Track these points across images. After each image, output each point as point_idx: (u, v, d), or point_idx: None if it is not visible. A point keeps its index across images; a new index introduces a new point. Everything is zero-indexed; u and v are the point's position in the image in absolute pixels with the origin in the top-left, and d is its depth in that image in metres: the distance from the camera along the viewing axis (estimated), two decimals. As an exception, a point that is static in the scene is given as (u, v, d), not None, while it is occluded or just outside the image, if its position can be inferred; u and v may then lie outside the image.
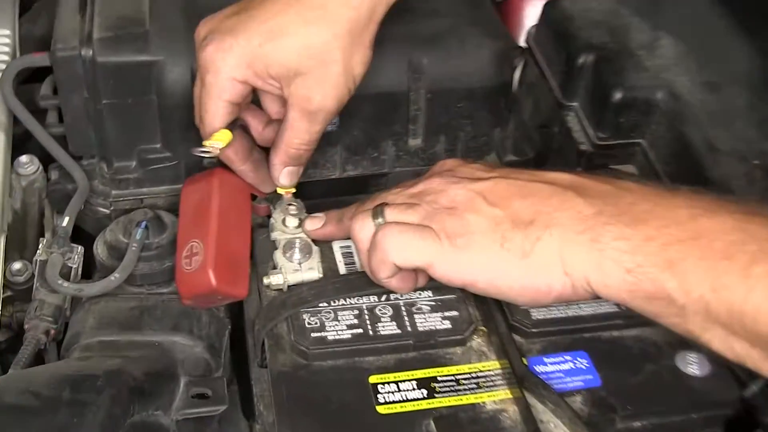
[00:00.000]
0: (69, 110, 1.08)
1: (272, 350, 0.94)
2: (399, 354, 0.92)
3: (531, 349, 0.93)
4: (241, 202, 1.07)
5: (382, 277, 0.91)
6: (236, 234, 1.03)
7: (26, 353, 0.98)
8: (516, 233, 0.83)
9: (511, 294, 0.85)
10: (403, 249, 0.87)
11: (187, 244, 1.01)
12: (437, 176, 0.94)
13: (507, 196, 0.86)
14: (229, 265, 0.99)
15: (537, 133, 1.24)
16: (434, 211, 0.88)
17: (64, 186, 1.15)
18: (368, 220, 0.93)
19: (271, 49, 0.95)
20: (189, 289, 1.00)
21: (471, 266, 0.84)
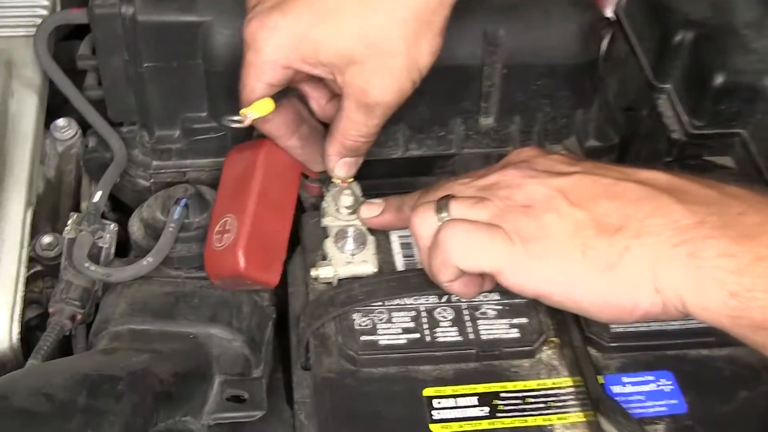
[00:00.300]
0: (108, 73, 1.02)
1: (317, 352, 0.87)
2: (459, 364, 0.85)
3: (608, 366, 0.86)
4: (288, 179, 0.97)
5: (443, 281, 0.83)
6: (277, 214, 0.94)
7: (47, 342, 0.90)
8: (601, 241, 0.74)
9: (590, 310, 0.76)
10: (469, 252, 0.79)
11: (221, 219, 0.93)
12: (512, 167, 0.85)
13: (592, 196, 0.77)
14: (262, 248, 0.91)
15: (622, 116, 1.14)
16: (507, 208, 0.80)
17: (101, 154, 1.07)
18: (431, 214, 0.83)
19: (323, 32, 0.85)
20: (216, 269, 0.92)
21: (546, 276, 0.76)
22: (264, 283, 0.91)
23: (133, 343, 0.90)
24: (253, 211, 0.91)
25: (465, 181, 0.86)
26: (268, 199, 0.93)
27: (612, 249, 0.74)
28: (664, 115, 1.07)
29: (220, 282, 0.93)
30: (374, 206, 0.96)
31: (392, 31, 0.84)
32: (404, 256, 0.95)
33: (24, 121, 1.06)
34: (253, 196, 0.92)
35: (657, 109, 1.08)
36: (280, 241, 0.93)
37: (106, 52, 1.01)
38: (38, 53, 1.05)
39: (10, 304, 0.94)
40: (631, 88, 1.14)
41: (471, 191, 0.84)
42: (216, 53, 0.98)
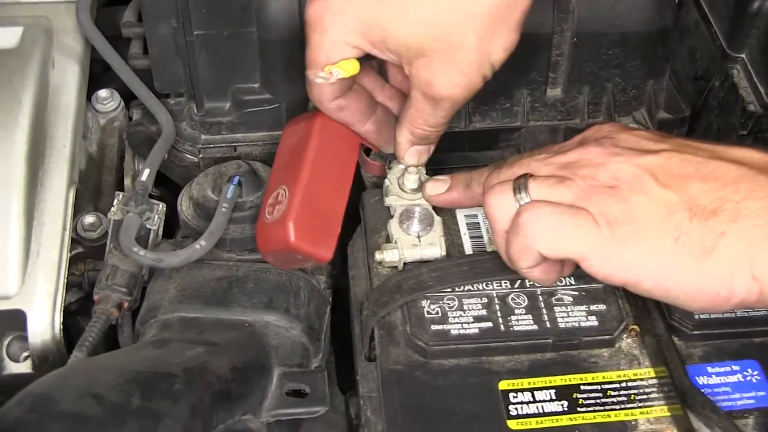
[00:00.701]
0: (155, 41, 0.97)
1: (383, 343, 0.82)
2: (535, 354, 0.81)
3: (691, 355, 0.82)
4: (345, 152, 0.92)
5: (522, 266, 0.78)
6: (332, 186, 0.89)
7: (93, 333, 0.85)
8: (695, 225, 0.70)
9: (681, 298, 0.72)
10: (552, 236, 0.74)
11: (274, 191, 0.88)
12: (593, 144, 0.79)
13: (682, 177, 0.73)
14: (315, 221, 0.85)
15: (691, 86, 1.09)
16: (591, 189, 0.74)
17: (147, 128, 1.02)
18: (508, 195, 0.77)
19: (391, 20, 0.81)
20: (266, 243, 0.87)
21: (635, 263, 0.72)
22: (316, 258, 0.85)
23: (184, 333, 0.85)
24: (306, 181, 0.86)
25: (541, 158, 0.80)
26: (322, 170, 0.88)
27: (707, 234, 0.69)
28: (739, 86, 1.02)
29: (272, 258, 0.88)
30: (440, 183, 0.90)
31: (464, 24, 0.80)
32: (471, 238, 0.90)
33: (66, 93, 1.01)
34: (306, 166, 0.87)
35: (731, 80, 1.03)
36: (334, 215, 0.87)
37: (154, 19, 0.96)
38: (81, 20, 1.01)
39: (51, 292, 0.89)
40: (701, 56, 1.09)
41: (549, 169, 0.78)
42: (272, 20, 0.94)
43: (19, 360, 0.90)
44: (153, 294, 0.89)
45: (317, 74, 0.84)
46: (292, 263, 0.89)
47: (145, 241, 0.90)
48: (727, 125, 1.04)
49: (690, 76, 1.10)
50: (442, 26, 0.80)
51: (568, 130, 1.04)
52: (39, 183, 0.94)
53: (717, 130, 1.06)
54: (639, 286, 0.73)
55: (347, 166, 0.91)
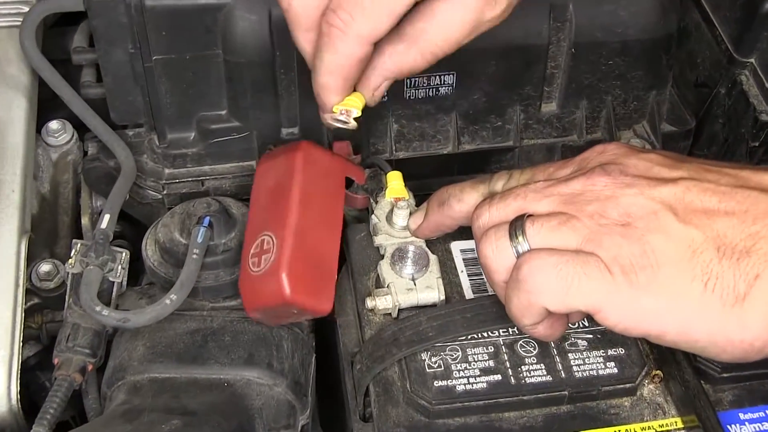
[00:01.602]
0: (110, 68, 0.90)
1: (380, 402, 0.76)
2: (549, 408, 0.75)
3: (720, 400, 0.76)
4: (333, 188, 0.84)
5: (526, 324, 0.70)
6: (323, 227, 0.81)
7: (54, 404, 0.76)
8: (725, 267, 0.63)
9: (710, 349, 0.66)
10: (559, 290, 0.66)
11: (257, 238, 0.79)
12: (599, 172, 0.70)
13: (706, 210, 0.66)
14: (310, 270, 0.77)
15: (692, 94, 1.03)
16: (600, 229, 0.67)
17: (104, 163, 0.94)
18: (504, 242, 0.69)
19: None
20: (255, 299, 0.78)
21: (658, 312, 0.65)
22: (315, 311, 0.77)
23: (157, 399, 0.77)
24: (295, 224, 0.78)
25: (538, 187, 0.72)
26: (311, 210, 0.80)
27: (740, 277, 0.63)
28: (749, 94, 0.96)
29: (259, 315, 0.80)
30: (418, 213, 0.83)
31: None
32: (470, 275, 0.83)
33: (12, 132, 0.93)
34: (293, 208, 0.79)
35: (740, 87, 0.97)
36: (329, 260, 0.80)
37: (107, 44, 0.88)
38: (25, 48, 0.92)
39: (6, 358, 0.81)
40: (703, 61, 1.02)
41: (550, 204, 0.70)
42: (239, 42, 0.87)
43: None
44: (119, 352, 0.81)
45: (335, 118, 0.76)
46: (284, 318, 0.81)
47: (108, 294, 0.82)
48: (736, 136, 0.98)
49: (690, 83, 1.04)
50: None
51: (565, 148, 0.98)
52: (-15, 236, 0.87)
53: (724, 140, 1.01)
54: (663, 338, 0.66)
55: (336, 203, 0.83)
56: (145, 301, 0.84)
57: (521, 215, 0.70)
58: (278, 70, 0.87)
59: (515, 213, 0.70)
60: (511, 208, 0.71)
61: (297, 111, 0.90)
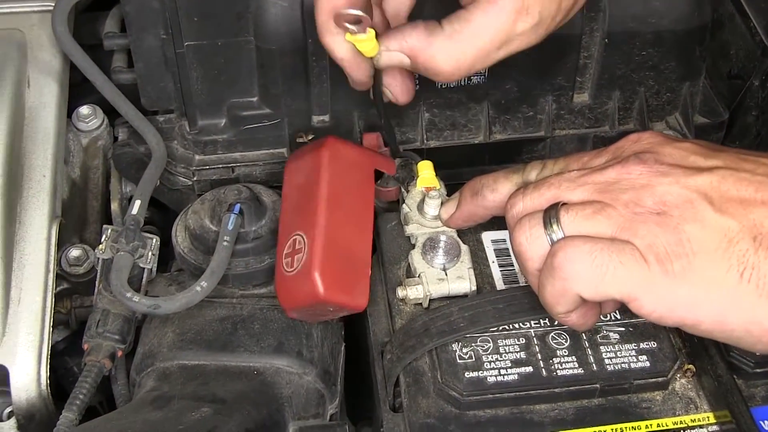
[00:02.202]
0: (141, 54, 0.90)
1: (411, 392, 0.75)
2: (581, 401, 0.75)
3: (753, 396, 0.75)
4: (361, 181, 0.83)
5: (560, 311, 0.69)
6: (352, 223, 0.80)
7: (84, 389, 0.76)
8: (761, 258, 0.63)
9: (746, 339, 0.65)
10: (594, 277, 0.65)
11: (289, 238, 0.79)
12: (634, 160, 0.69)
13: (742, 200, 0.65)
14: (343, 267, 0.77)
15: (725, 86, 1.02)
16: (635, 217, 0.66)
17: (134, 148, 0.94)
18: (538, 230, 0.69)
19: None
20: (291, 299, 0.78)
21: (693, 301, 0.64)
22: (351, 307, 0.77)
23: (187, 386, 0.77)
24: (324, 222, 0.78)
25: (573, 176, 0.71)
26: (339, 206, 0.80)
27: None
28: (785, 86, 0.95)
29: (297, 314, 0.80)
30: (450, 202, 0.83)
31: None
32: (501, 266, 0.83)
33: (44, 116, 0.93)
34: (321, 206, 0.79)
35: (775, 79, 0.96)
36: (362, 255, 0.79)
37: (140, 30, 0.88)
38: (58, 33, 0.92)
39: (36, 343, 0.82)
40: (736, 53, 1.02)
41: (584, 192, 0.69)
42: (271, 29, 0.87)
43: (2, 418, 0.83)
44: (149, 338, 0.81)
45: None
46: (322, 316, 0.81)
47: (139, 281, 0.82)
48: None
49: (723, 74, 1.03)
50: None
51: (597, 138, 0.97)
52: (17, 220, 0.87)
53: (756, 133, 1.00)
54: (698, 327, 0.65)
55: (365, 197, 0.83)
56: (174, 287, 0.84)
57: (555, 204, 0.69)
58: (310, 57, 0.86)
59: (549, 202, 0.70)
60: (545, 198, 0.70)
61: (328, 99, 0.90)
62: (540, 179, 0.73)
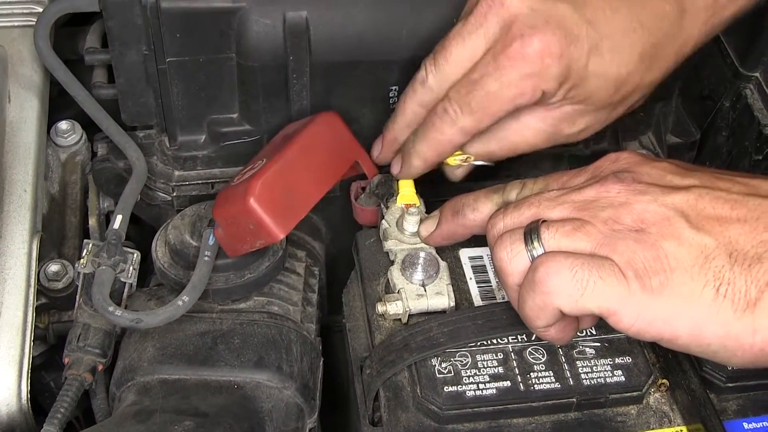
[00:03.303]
0: (123, 69, 0.89)
1: (390, 406, 0.75)
2: (557, 415, 0.75)
3: (725, 409, 0.76)
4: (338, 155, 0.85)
5: (539, 326, 0.71)
6: (313, 173, 0.82)
7: (65, 403, 0.76)
8: (736, 273, 0.64)
9: (721, 354, 0.66)
10: (574, 291, 0.66)
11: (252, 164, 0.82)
12: (613, 179, 0.71)
13: (718, 217, 0.66)
14: (281, 195, 0.79)
15: (697, 106, 1.03)
16: (614, 234, 0.67)
17: (114, 164, 0.94)
18: (518, 246, 0.70)
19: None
20: (222, 205, 0.80)
21: (671, 316, 0.65)
22: (267, 231, 0.77)
23: (168, 400, 0.77)
24: (286, 158, 0.80)
25: (552, 195, 0.72)
26: (309, 154, 0.82)
27: (751, 283, 0.63)
28: (753, 108, 0.96)
29: (222, 229, 0.81)
30: (430, 220, 0.84)
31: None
32: (478, 282, 0.83)
33: (25, 131, 0.92)
34: (293, 145, 0.82)
35: (745, 101, 0.97)
36: (304, 199, 0.81)
37: (122, 45, 0.87)
38: (40, 48, 0.91)
39: (17, 359, 0.81)
40: (708, 74, 1.03)
41: (564, 210, 0.71)
42: (253, 45, 0.86)
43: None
44: (129, 353, 0.81)
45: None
46: (240, 239, 0.80)
47: (119, 295, 0.81)
48: (740, 148, 0.98)
49: (695, 95, 1.04)
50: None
51: (572, 157, 0.98)
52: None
53: (727, 153, 1.01)
54: (675, 341, 0.66)
55: (337, 166, 0.85)
56: (153, 302, 0.84)
57: (536, 220, 0.70)
58: (291, 74, 0.86)
59: (529, 221, 0.71)
60: (525, 217, 0.71)
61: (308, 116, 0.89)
62: (520, 199, 0.75)
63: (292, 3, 0.84)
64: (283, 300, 0.86)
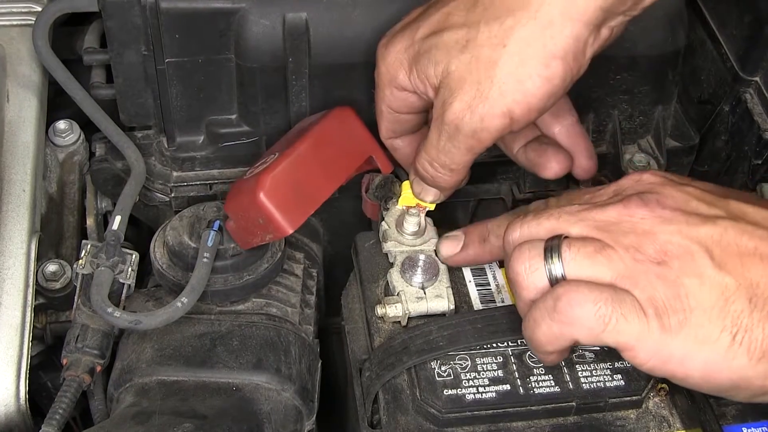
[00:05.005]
0: (122, 69, 0.89)
1: (390, 409, 0.75)
2: (557, 419, 0.75)
3: (724, 414, 0.75)
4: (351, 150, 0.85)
5: (547, 351, 0.69)
6: (324, 169, 0.82)
7: (64, 404, 0.75)
8: (755, 321, 0.63)
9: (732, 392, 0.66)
10: (597, 327, 0.65)
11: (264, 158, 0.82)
12: (637, 201, 0.69)
13: (741, 255, 0.65)
14: (292, 190, 0.79)
15: (695, 110, 1.03)
16: (636, 266, 0.66)
17: (112, 164, 0.93)
18: (538, 261, 0.68)
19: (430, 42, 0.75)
20: (233, 199, 0.81)
21: (685, 357, 0.64)
22: (276, 226, 0.78)
23: (167, 402, 0.76)
24: (299, 149, 0.80)
25: (573, 210, 0.70)
26: (321, 149, 0.82)
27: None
28: (753, 112, 0.96)
29: (233, 223, 0.81)
30: (454, 241, 0.82)
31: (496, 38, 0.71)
32: (477, 285, 0.83)
33: (23, 130, 0.92)
34: (305, 139, 0.81)
35: (744, 105, 0.97)
36: (315, 195, 0.81)
37: (121, 45, 0.87)
38: (38, 48, 0.90)
39: (15, 359, 0.81)
40: (707, 78, 1.02)
41: (583, 227, 0.69)
42: (252, 46, 0.86)
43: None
44: (127, 354, 0.81)
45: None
46: (250, 233, 0.80)
47: (118, 296, 0.81)
48: (739, 153, 0.98)
49: (694, 99, 1.04)
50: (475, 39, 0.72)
51: (571, 160, 0.96)
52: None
53: (726, 157, 1.01)
54: (687, 380, 0.66)
55: (349, 161, 0.85)
56: (152, 303, 0.84)
57: (558, 236, 0.69)
58: (290, 76, 0.86)
59: (548, 232, 0.70)
60: (544, 227, 0.70)
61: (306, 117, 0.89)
62: (540, 209, 0.73)
63: (292, 4, 0.84)
64: (282, 302, 0.85)
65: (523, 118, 0.73)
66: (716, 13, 1.01)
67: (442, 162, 0.77)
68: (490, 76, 0.71)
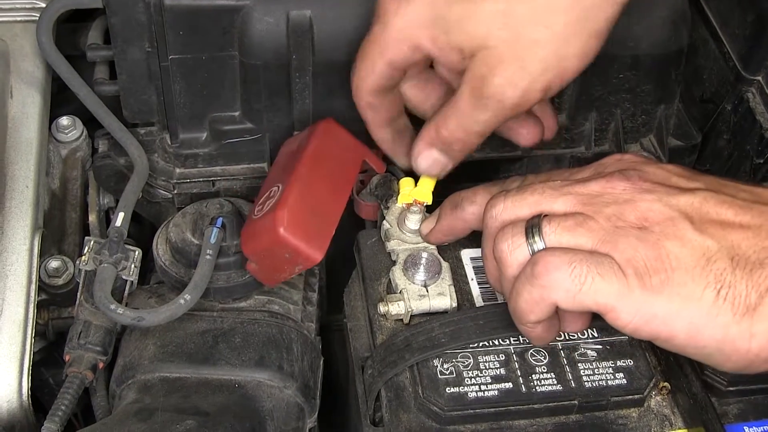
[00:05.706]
0: (125, 66, 0.89)
1: (392, 407, 0.75)
2: (559, 417, 0.75)
3: (726, 413, 0.76)
4: (347, 161, 0.85)
5: (531, 320, 0.70)
6: (329, 186, 0.82)
7: (66, 400, 0.76)
8: (737, 277, 0.64)
9: (716, 357, 0.66)
10: (573, 288, 0.66)
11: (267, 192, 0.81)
12: (619, 176, 0.71)
13: (721, 222, 0.66)
14: (308, 217, 0.78)
15: (697, 109, 1.03)
16: (616, 231, 0.67)
17: (115, 160, 0.93)
18: (519, 238, 0.70)
19: (460, 11, 0.73)
20: (251, 241, 0.79)
21: (669, 315, 0.65)
22: (305, 257, 0.77)
23: (169, 398, 0.76)
24: (302, 176, 0.80)
25: (556, 185, 0.72)
26: (320, 170, 0.81)
27: (752, 288, 0.63)
28: (755, 111, 0.96)
29: (255, 265, 0.80)
30: (430, 219, 0.83)
31: (539, 17, 0.71)
32: (480, 283, 0.83)
33: (26, 127, 0.92)
34: (303, 162, 0.81)
35: (746, 104, 0.97)
36: (330, 215, 0.80)
37: (125, 42, 0.87)
38: (42, 44, 0.90)
39: (17, 355, 0.81)
40: (709, 77, 1.02)
41: (566, 202, 0.71)
42: (256, 43, 0.86)
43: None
44: (129, 350, 0.81)
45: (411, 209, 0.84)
46: (278, 269, 0.80)
47: (120, 293, 0.81)
48: (741, 152, 0.98)
49: (696, 98, 1.04)
50: (515, 16, 0.71)
51: (573, 159, 0.98)
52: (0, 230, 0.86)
53: (728, 156, 1.01)
54: (671, 341, 0.66)
55: (349, 172, 0.85)
56: (154, 300, 0.84)
57: (538, 215, 0.70)
58: (293, 73, 0.86)
59: (530, 207, 0.71)
60: (527, 202, 0.71)
61: (310, 115, 0.89)
62: (524, 185, 0.75)
63: (296, 1, 0.84)
64: (284, 299, 0.85)
65: (556, 90, 0.75)
66: (719, 12, 1.01)
67: (475, 130, 0.77)
68: (534, 53, 0.72)
